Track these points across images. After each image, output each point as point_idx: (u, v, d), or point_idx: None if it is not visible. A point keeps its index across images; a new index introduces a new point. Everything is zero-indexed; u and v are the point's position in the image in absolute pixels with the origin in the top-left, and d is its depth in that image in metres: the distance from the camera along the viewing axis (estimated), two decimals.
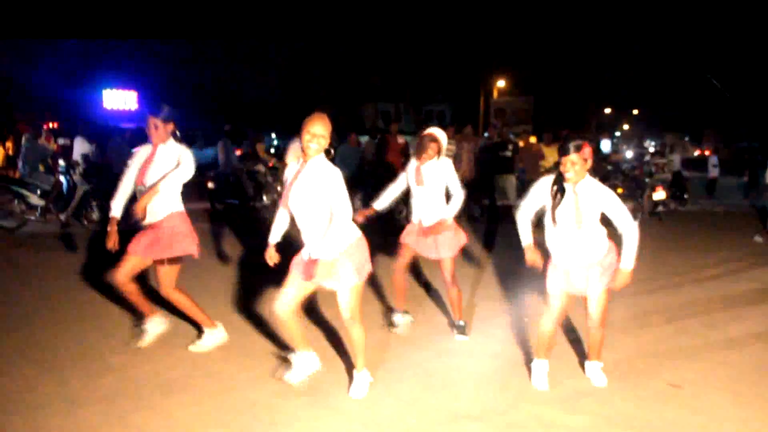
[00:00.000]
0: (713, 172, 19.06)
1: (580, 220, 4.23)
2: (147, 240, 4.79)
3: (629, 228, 4.24)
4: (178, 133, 4.93)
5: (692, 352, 5.33)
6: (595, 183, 4.28)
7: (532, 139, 14.04)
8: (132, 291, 4.93)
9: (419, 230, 5.42)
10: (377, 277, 7.04)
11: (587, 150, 4.19)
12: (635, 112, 55.12)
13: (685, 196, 14.63)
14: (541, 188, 4.38)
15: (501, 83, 41.04)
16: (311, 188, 4.06)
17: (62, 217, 10.32)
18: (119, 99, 34.15)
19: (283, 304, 4.21)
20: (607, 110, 51.61)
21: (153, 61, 36.70)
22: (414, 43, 44.87)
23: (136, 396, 4.24)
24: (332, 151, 4.21)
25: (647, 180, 12.87)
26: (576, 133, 15.43)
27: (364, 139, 14.89)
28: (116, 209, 4.90)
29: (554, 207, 4.27)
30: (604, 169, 13.05)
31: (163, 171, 4.75)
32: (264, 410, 4.08)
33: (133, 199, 4.88)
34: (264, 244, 4.41)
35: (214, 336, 5.12)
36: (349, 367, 4.76)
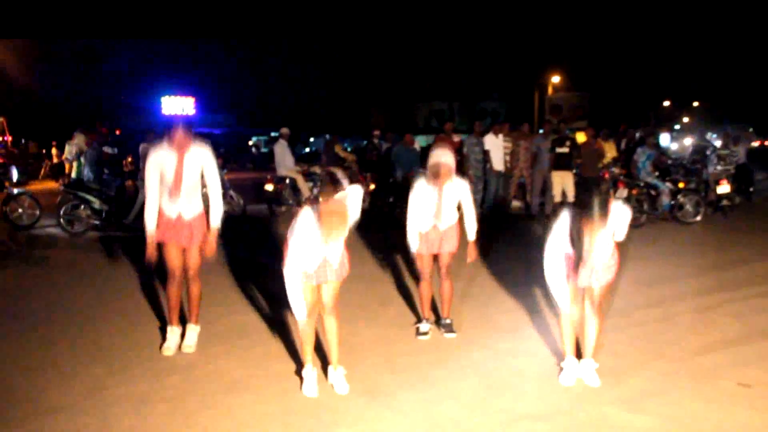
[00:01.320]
0: None
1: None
2: (184, 232, 5.03)
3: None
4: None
5: (762, 350, 5.15)
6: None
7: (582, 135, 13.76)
8: (177, 290, 5.16)
9: (431, 234, 5.36)
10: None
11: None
12: (695, 104, 53.62)
13: (751, 189, 14.13)
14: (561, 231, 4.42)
15: (556, 79, 40.40)
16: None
17: (126, 222, 10.60)
18: (177, 105, 34.97)
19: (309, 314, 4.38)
20: (666, 103, 50.37)
21: (209, 67, 37.48)
22: (468, 40, 44.65)
23: (201, 395, 4.33)
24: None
25: (710, 173, 12.46)
26: (634, 129, 15.11)
27: (419, 138, 14.91)
28: (152, 223, 5.02)
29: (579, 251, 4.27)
30: (664, 164, 12.72)
31: (193, 176, 4.97)
32: (326, 411, 4.11)
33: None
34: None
35: (195, 332, 5.28)
36: (410, 368, 4.77)
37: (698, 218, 11.28)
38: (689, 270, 7.76)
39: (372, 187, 12.70)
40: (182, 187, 4.94)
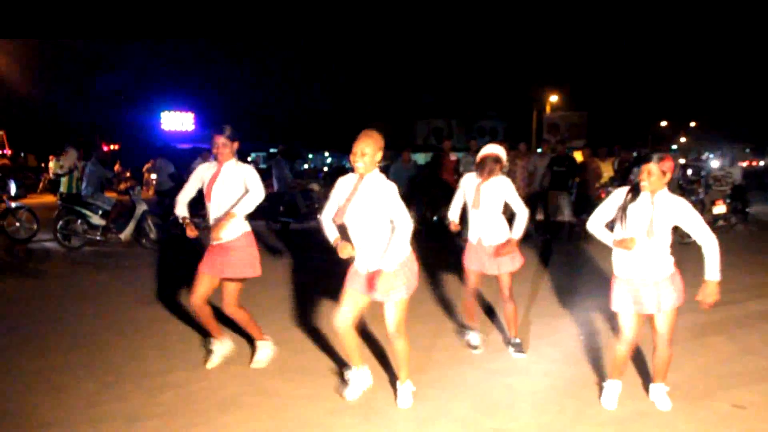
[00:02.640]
0: None
1: (652, 230, 4.17)
2: (219, 259, 4.89)
3: (709, 239, 4.22)
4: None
5: (756, 372, 5.14)
6: (672, 196, 4.23)
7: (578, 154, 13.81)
8: (207, 314, 5.06)
9: (479, 249, 5.38)
10: (430, 297, 7.03)
11: (668, 163, 4.15)
12: (692, 124, 53.87)
13: (747, 210, 14.16)
14: (616, 197, 4.35)
15: (554, 98, 40.61)
16: (369, 203, 4.16)
17: (122, 236, 10.61)
18: (177, 120, 35.07)
19: (342, 320, 4.31)
20: (663, 123, 50.59)
21: (209, 83, 37.62)
22: (467, 59, 44.91)
23: (194, 412, 4.31)
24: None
25: (706, 193, 12.51)
26: (627, 149, 15.18)
27: (418, 156, 14.93)
28: (182, 210, 5.03)
29: (624, 208, 4.22)
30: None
31: (229, 190, 4.90)
32: (319, 429, 4.10)
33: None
34: (329, 247, 4.38)
35: (267, 348, 5.25)
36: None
37: (692, 239, 11.27)
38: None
39: None
40: (213, 193, 4.91)
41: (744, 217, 13.76)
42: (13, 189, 12.60)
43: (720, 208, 12.18)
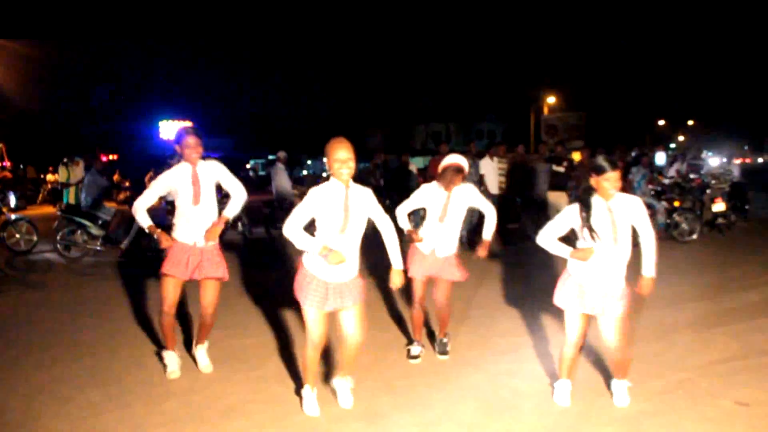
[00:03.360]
0: None
1: (617, 235, 4.20)
2: (194, 261, 4.89)
3: (650, 234, 4.30)
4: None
5: (759, 370, 5.13)
6: (624, 195, 4.26)
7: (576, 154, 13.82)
8: (173, 323, 5.08)
9: (429, 258, 5.31)
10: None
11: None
12: (690, 122, 53.93)
13: (746, 207, 14.17)
14: (568, 215, 4.34)
15: (551, 99, 40.62)
16: (362, 211, 4.20)
17: (122, 246, 10.60)
18: (175, 129, 35.05)
19: (318, 336, 4.28)
20: (661, 122, 50.65)
21: (207, 91, 37.68)
22: (464, 62, 44.96)
23: (198, 420, 4.31)
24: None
25: (706, 192, 12.52)
26: (629, 148, 15.19)
27: (416, 160, 14.92)
28: (146, 218, 4.90)
29: (587, 221, 4.21)
30: (660, 183, 12.78)
31: (211, 190, 4.95)
32: None
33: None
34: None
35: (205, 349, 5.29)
36: (408, 390, 4.76)
37: (694, 236, 11.31)
38: (686, 289, 7.77)
39: None
40: (201, 198, 4.89)
41: (743, 215, 13.78)
42: (12, 201, 12.60)
43: (719, 206, 12.18)
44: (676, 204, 11.57)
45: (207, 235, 4.88)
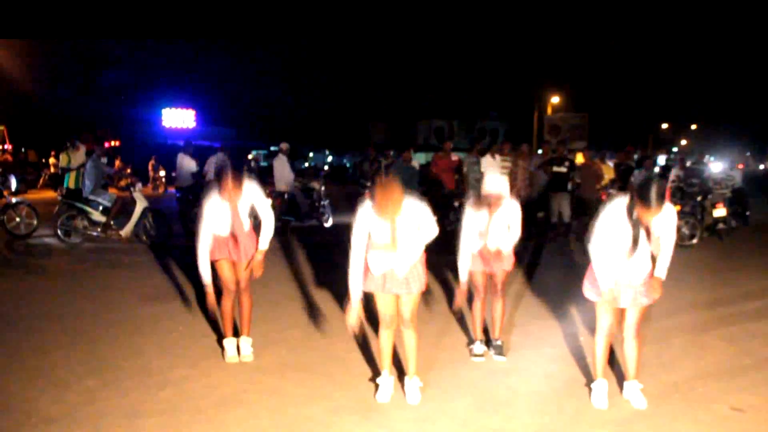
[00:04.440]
0: None
1: (651, 240, 4.30)
2: (235, 248, 5.12)
3: (672, 240, 4.36)
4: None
5: (755, 375, 5.15)
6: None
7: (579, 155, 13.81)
8: (230, 304, 5.29)
9: (483, 254, 5.30)
10: (432, 298, 7.03)
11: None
12: (693, 127, 53.90)
13: (747, 213, 14.16)
14: (612, 217, 4.31)
15: (555, 99, 40.61)
16: (411, 226, 4.37)
17: (122, 233, 10.61)
18: (178, 117, 35.05)
19: (390, 326, 4.51)
20: (665, 125, 50.64)
21: (211, 80, 37.63)
22: (469, 59, 44.91)
23: (194, 410, 4.32)
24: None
25: (708, 197, 12.51)
26: (638, 150, 15.17)
27: (419, 156, 14.93)
28: (207, 272, 5.01)
29: (636, 236, 4.22)
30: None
31: (246, 214, 5.13)
32: (319, 427, 4.11)
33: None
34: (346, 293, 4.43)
35: (250, 343, 5.36)
36: (403, 385, 4.76)
37: (694, 241, 11.32)
38: (684, 293, 7.76)
39: None
40: (238, 232, 5.09)
41: (744, 221, 13.76)
42: (13, 184, 12.60)
43: (720, 211, 12.18)
44: (677, 208, 11.57)
45: (256, 270, 5.21)
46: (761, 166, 44.98)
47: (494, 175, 5.35)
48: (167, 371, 4.98)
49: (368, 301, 4.58)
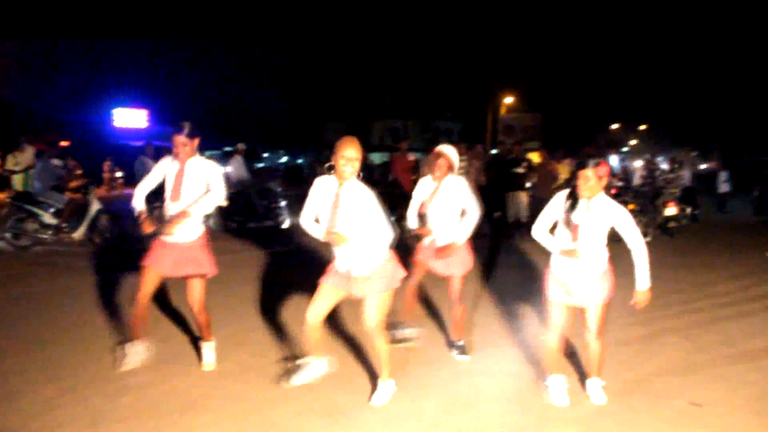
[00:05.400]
0: (724, 187, 18.98)
1: (589, 234, 4.32)
2: (175, 257, 4.82)
3: (640, 246, 4.36)
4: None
5: (711, 370, 5.29)
6: (608, 200, 4.35)
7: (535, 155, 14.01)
8: (145, 314, 4.96)
9: (432, 248, 5.41)
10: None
11: (603, 169, 4.27)
12: (643, 127, 55.14)
13: (696, 212, 14.57)
14: (556, 202, 4.50)
15: (509, 100, 41.11)
16: (353, 210, 4.25)
17: (75, 236, 10.34)
18: (129, 117, 34.37)
19: (316, 314, 4.39)
20: (615, 126, 51.70)
21: (162, 79, 37.01)
22: (423, 60, 45.12)
23: (157, 416, 4.23)
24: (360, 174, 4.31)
25: (658, 196, 12.82)
26: (587, 150, 15.44)
27: (375, 156, 14.95)
28: (140, 203, 4.90)
29: (567, 219, 4.37)
30: (613, 186, 13.04)
31: (195, 188, 4.84)
32: (286, 431, 4.06)
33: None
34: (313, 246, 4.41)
35: (212, 349, 5.18)
36: (368, 387, 4.74)
37: (647, 239, 11.57)
38: (633, 290, 7.87)
39: None
40: (181, 194, 4.81)
41: (694, 218, 14.15)
42: None
43: (671, 210, 12.50)
44: (631, 207, 11.80)
45: (166, 227, 4.78)
46: (703, 166, 46.17)
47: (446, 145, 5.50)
48: (127, 377, 4.86)
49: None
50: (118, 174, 23.52)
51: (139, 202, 4.91)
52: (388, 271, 4.38)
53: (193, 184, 4.85)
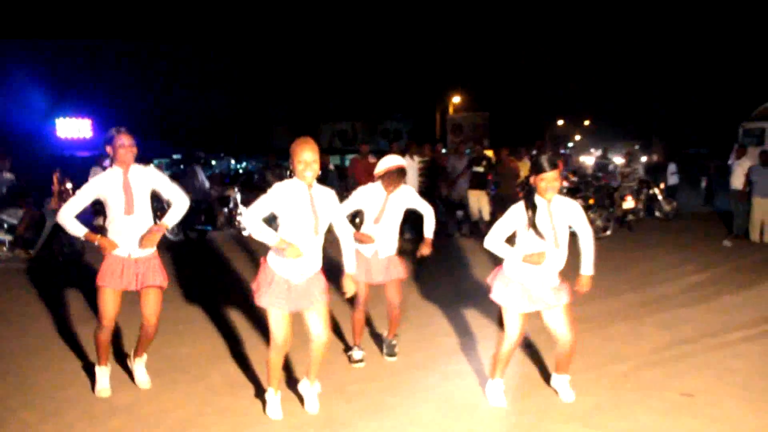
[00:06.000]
0: (672, 179, 19.44)
1: (557, 237, 4.28)
2: (130, 271, 4.59)
3: (589, 235, 4.44)
4: None
5: (693, 359, 5.39)
6: (561, 198, 4.37)
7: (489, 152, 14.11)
8: (108, 339, 4.75)
9: (371, 261, 5.25)
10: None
11: (560, 169, 4.33)
12: (586, 123, 56.32)
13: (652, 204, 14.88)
14: (513, 214, 4.35)
15: (456, 99, 41.42)
16: (325, 212, 4.15)
17: (32, 252, 9.96)
18: (73, 127, 33.39)
19: (286, 342, 4.18)
20: (560, 122, 52.67)
21: (106, 88, 36.09)
22: (369, 61, 45.11)
23: None
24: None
25: (616, 190, 13.07)
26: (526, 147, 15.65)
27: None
28: (78, 227, 4.53)
29: (532, 223, 4.24)
30: (570, 181, 13.25)
31: (145, 197, 4.65)
32: None
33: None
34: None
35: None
36: (363, 395, 4.68)
37: (608, 233, 11.78)
38: (607, 284, 7.96)
39: None
40: (134, 206, 4.57)
41: (650, 211, 14.46)
42: None
43: (629, 203, 12.75)
44: (591, 202, 12.00)
45: (143, 242, 4.57)
46: (643, 158, 47.34)
47: (394, 156, 5.39)
48: (111, 398, 4.66)
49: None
50: (68, 185, 22.76)
51: (76, 226, 4.53)
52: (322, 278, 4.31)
53: (143, 194, 4.64)
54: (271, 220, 4.09)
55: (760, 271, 8.89)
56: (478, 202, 12.17)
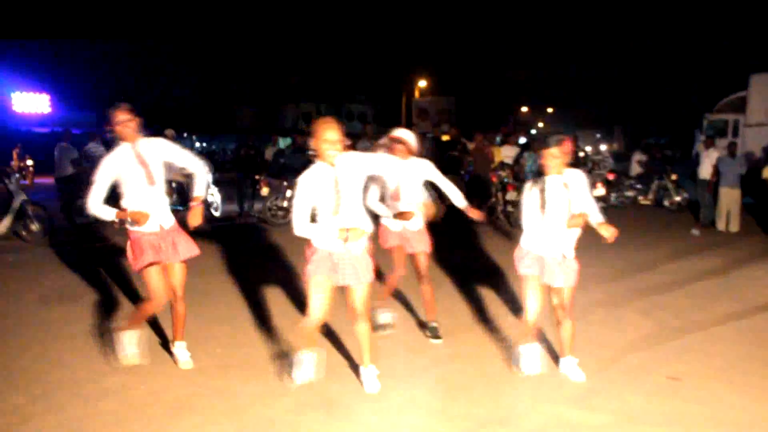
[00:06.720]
0: (637, 168, 19.77)
1: (571, 210, 4.44)
2: (167, 244, 4.61)
3: (589, 192, 4.66)
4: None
5: (674, 343, 5.53)
6: (572, 171, 4.52)
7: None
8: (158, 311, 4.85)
9: (404, 231, 5.38)
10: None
11: (568, 145, 4.45)
12: (549, 110, 56.91)
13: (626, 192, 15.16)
14: (528, 195, 4.54)
15: (422, 83, 41.43)
16: (353, 186, 4.20)
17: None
18: (30, 102, 32.46)
19: (323, 311, 4.28)
20: (524, 109, 53.13)
21: (65, 62, 35.21)
22: (335, 42, 44.82)
23: (144, 420, 4.01)
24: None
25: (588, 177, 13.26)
26: (492, 132, 15.76)
27: (287, 140, 14.91)
28: (107, 210, 4.50)
29: (543, 201, 4.42)
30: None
31: (159, 167, 4.60)
32: (285, 427, 3.95)
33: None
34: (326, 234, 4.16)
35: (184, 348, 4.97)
36: (358, 377, 4.68)
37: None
38: (589, 269, 8.08)
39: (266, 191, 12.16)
40: (155, 179, 4.55)
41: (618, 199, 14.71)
42: None
43: (600, 191, 12.94)
44: None
45: (192, 218, 4.64)
46: (603, 147, 48.15)
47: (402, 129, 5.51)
48: (100, 379, 4.59)
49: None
50: (29, 162, 22.16)
51: (105, 211, 4.49)
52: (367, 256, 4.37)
53: (157, 165, 4.61)
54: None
55: (727, 258, 9.13)
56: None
